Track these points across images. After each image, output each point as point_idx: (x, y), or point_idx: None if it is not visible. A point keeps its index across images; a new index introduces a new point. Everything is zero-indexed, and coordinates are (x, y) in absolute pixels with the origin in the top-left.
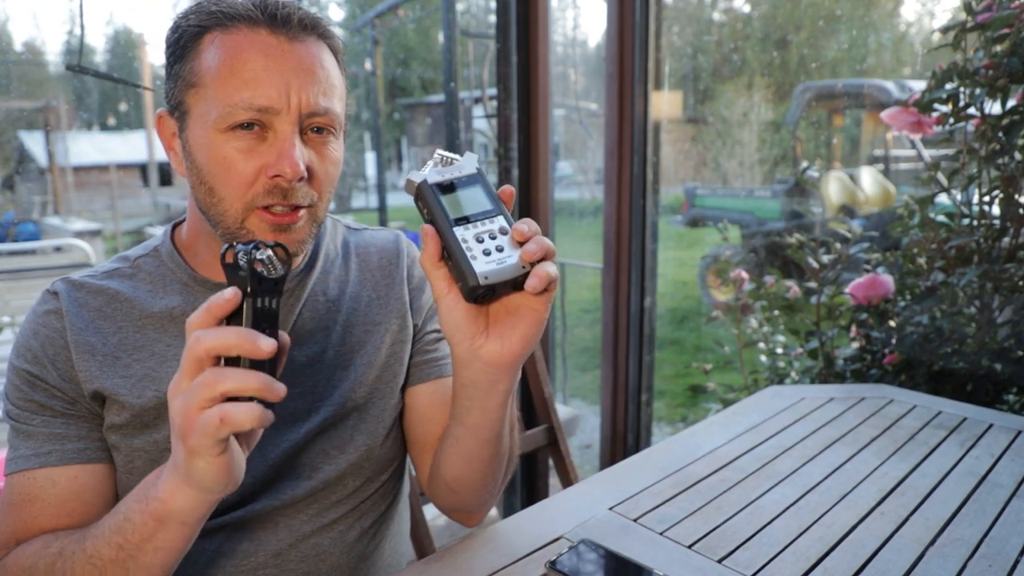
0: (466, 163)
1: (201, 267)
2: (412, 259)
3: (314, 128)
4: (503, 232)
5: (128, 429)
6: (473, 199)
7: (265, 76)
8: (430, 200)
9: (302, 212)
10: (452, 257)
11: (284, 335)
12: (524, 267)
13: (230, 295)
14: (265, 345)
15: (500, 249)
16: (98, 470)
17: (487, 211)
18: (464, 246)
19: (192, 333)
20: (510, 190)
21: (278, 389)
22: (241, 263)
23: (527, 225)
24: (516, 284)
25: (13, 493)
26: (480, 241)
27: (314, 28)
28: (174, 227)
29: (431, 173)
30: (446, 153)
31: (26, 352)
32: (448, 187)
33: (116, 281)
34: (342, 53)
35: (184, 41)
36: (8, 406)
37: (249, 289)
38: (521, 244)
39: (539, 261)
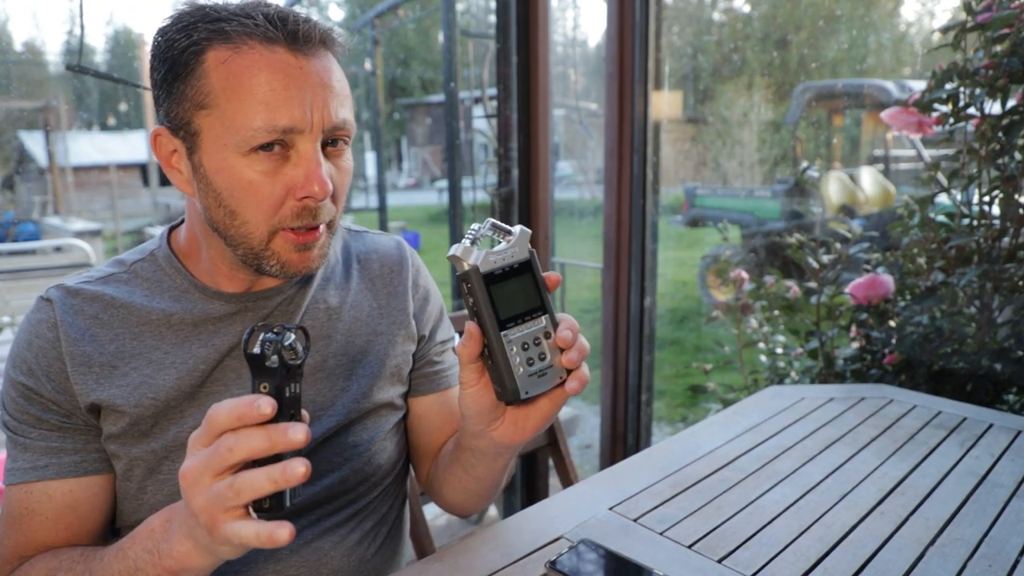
0: (519, 243)
1: (200, 274)
2: (417, 269)
3: (331, 141)
4: (547, 335)
5: (126, 438)
6: (522, 292)
7: (286, 96)
8: (478, 293)
9: (322, 228)
10: (494, 361)
11: (305, 412)
12: (562, 376)
13: (268, 410)
14: (299, 435)
15: (542, 357)
16: (92, 482)
17: (534, 309)
18: (510, 354)
19: (220, 437)
20: (556, 278)
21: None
22: (269, 354)
23: (570, 331)
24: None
25: (12, 505)
26: (525, 348)
27: (328, 42)
28: (170, 231)
29: (483, 258)
30: (501, 224)
31: (21, 364)
32: (498, 276)
33: (112, 287)
34: (344, 55)
35: (185, 58)
36: (5, 417)
37: (279, 381)
38: (561, 349)
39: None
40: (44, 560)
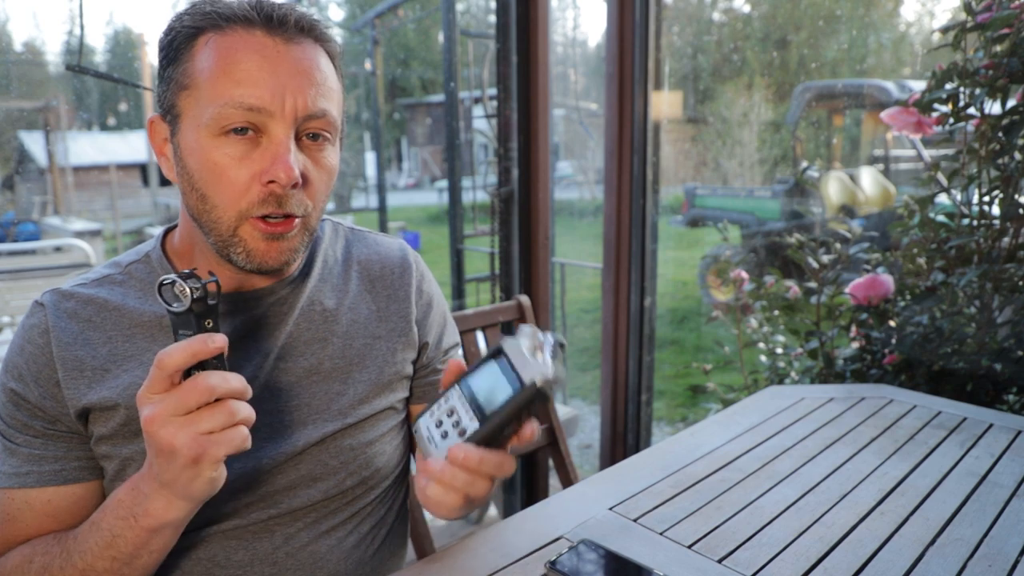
0: (539, 365)
1: None
2: (421, 274)
3: (310, 134)
4: (461, 433)
5: (117, 439)
6: (495, 394)
7: (259, 76)
8: (487, 351)
9: (296, 221)
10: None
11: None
12: (432, 461)
13: (221, 342)
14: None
15: (443, 436)
16: (71, 492)
17: (481, 412)
18: (443, 399)
19: (164, 362)
20: (531, 435)
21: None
22: (190, 297)
23: (465, 461)
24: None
25: (0, 508)
26: (449, 414)
27: (311, 30)
28: (166, 232)
29: (538, 368)
30: (546, 340)
31: (13, 369)
32: (499, 354)
33: (106, 289)
34: (339, 57)
35: (178, 43)
36: None
37: (205, 320)
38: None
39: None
40: (19, 550)
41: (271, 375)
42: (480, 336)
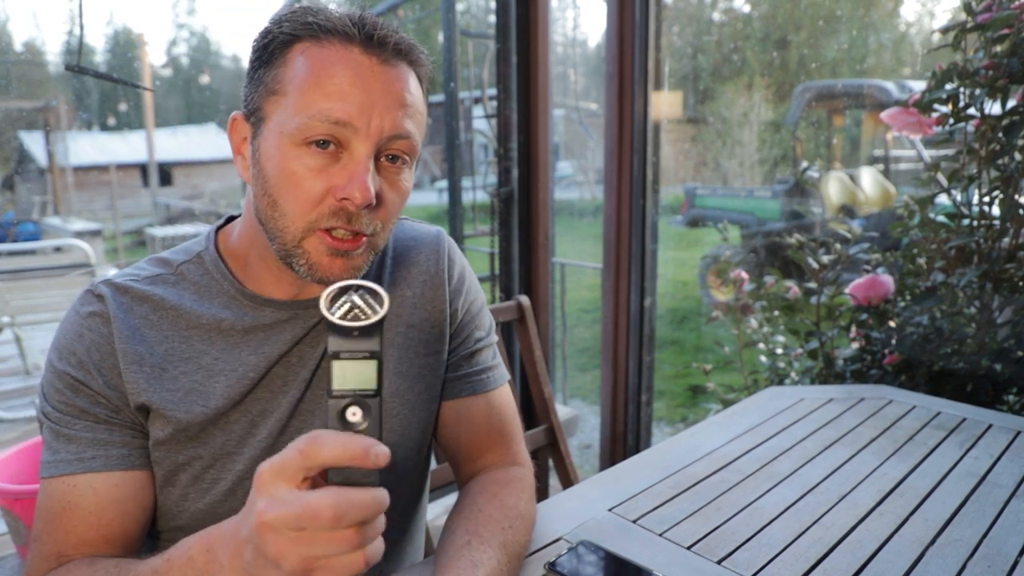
0: None
1: (250, 280)
2: (451, 259)
3: (390, 156)
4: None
5: (172, 444)
6: None
7: (350, 92)
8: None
9: (363, 239)
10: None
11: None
12: None
13: (384, 462)
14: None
15: None
16: (137, 478)
17: None
18: None
19: (309, 453)
20: None
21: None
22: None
23: None
24: None
25: (52, 500)
26: None
27: (408, 54)
28: (217, 230)
29: None
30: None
31: (70, 355)
32: None
33: (161, 288)
34: (427, 81)
35: (273, 47)
36: (47, 407)
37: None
38: None
39: None
40: (80, 568)
41: (317, 377)
42: None
